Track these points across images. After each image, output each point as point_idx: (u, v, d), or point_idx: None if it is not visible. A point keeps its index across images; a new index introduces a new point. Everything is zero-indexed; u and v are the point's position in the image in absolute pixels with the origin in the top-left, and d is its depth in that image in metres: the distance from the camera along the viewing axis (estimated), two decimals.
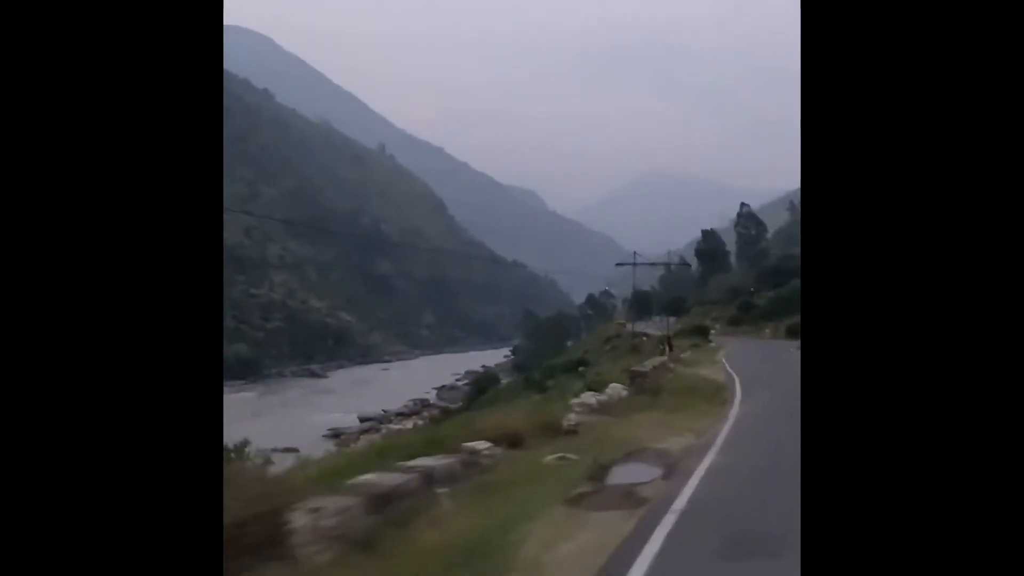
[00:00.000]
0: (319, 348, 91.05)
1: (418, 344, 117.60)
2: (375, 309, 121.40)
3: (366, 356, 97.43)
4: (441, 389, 63.71)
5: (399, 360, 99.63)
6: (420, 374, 79.31)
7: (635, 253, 51.50)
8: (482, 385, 48.90)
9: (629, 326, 54.87)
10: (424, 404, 54.33)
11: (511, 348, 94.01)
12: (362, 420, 48.38)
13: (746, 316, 62.44)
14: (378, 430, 41.15)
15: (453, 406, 42.62)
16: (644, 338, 44.20)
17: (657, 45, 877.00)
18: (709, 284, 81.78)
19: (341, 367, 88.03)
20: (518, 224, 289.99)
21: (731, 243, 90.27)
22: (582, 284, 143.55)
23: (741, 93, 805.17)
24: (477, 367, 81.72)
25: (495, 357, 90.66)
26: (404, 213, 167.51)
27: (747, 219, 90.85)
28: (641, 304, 69.41)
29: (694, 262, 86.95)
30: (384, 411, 51.44)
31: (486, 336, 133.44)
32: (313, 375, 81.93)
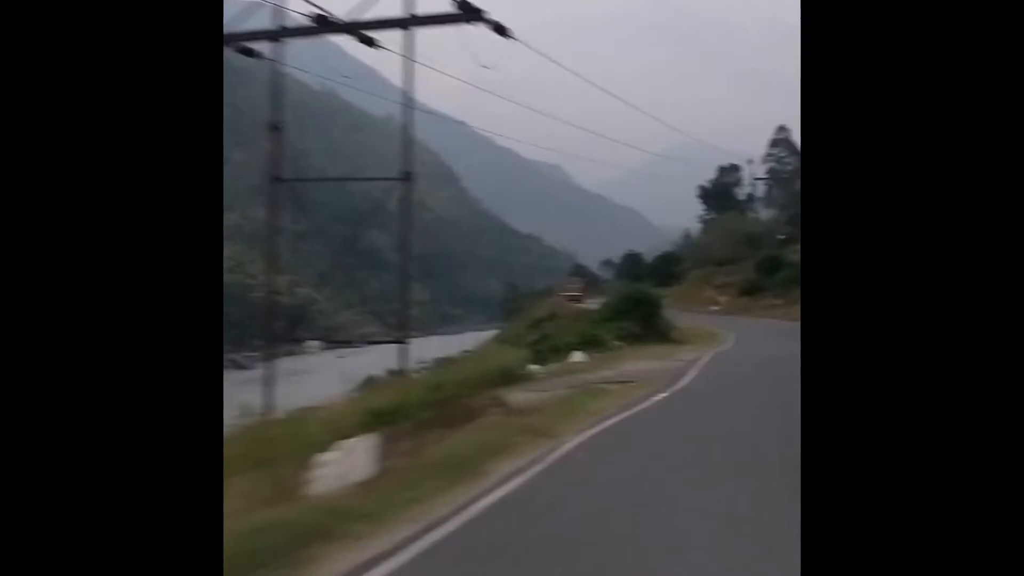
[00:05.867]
0: (263, 331, 75.87)
1: (404, 324, 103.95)
2: (356, 285, 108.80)
3: (328, 340, 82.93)
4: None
5: (373, 344, 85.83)
6: (383, 361, 64.72)
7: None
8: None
9: (586, 300, 38.89)
10: None
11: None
12: None
13: (769, 281, 41.86)
14: None
15: None
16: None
17: (685, 11, 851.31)
18: (715, 232, 57.48)
19: (291, 354, 73.50)
20: (540, 198, 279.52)
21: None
22: (604, 258, 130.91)
23: (769, 59, 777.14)
24: (461, 350, 68.06)
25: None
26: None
27: (783, 147, 64.82)
28: (630, 270, 54.41)
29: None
30: None
31: (489, 314, 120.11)
32: (237, 366, 66.90)
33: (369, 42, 15.92)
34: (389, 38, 16.28)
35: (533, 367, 17.87)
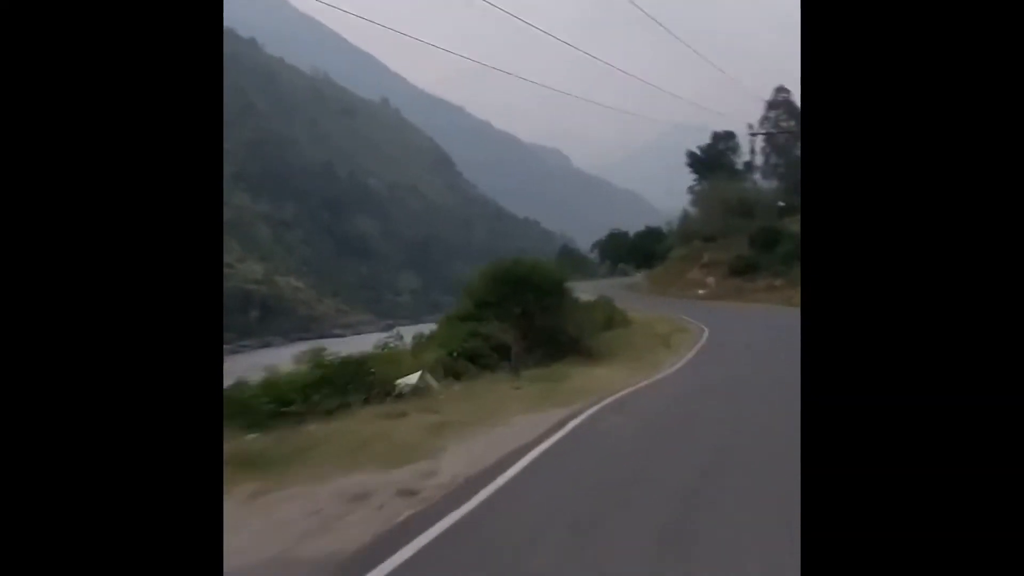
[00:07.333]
0: (235, 323, 69.48)
1: (392, 313, 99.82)
2: (342, 273, 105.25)
3: (308, 331, 76.60)
4: None
5: (356, 334, 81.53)
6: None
7: None
8: None
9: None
10: None
11: None
12: None
13: (766, 258, 36.05)
14: None
15: None
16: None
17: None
18: (703, 202, 48.83)
19: (268, 345, 66.68)
20: (539, 182, 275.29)
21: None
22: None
23: (769, 39, 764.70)
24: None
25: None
26: (400, 168, 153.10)
27: (782, 109, 53.72)
28: (615, 250, 50.34)
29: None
30: None
31: None
32: None
33: None
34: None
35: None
